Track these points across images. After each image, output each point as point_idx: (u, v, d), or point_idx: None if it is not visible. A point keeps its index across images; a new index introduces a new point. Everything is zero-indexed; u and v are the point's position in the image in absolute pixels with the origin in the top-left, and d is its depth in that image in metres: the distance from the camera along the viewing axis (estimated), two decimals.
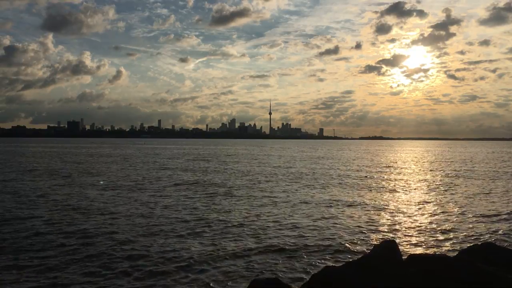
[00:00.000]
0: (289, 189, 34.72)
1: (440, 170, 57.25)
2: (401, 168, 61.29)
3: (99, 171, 51.27)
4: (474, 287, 8.73)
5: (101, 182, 38.22)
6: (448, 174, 51.35)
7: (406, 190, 35.01)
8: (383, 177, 46.69)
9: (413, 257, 10.14)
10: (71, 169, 53.96)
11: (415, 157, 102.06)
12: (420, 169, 59.42)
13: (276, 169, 56.78)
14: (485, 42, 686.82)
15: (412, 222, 21.41)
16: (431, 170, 57.45)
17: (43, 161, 71.34)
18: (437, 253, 15.17)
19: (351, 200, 28.84)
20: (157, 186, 36.01)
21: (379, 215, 23.29)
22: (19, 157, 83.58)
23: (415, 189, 36.07)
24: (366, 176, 46.81)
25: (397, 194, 32.57)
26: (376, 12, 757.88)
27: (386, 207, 26.21)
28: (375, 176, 47.01)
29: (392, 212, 24.31)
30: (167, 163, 68.52)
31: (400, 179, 44.28)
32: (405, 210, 25.21)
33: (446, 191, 34.37)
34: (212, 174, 47.47)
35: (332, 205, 26.59)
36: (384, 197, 30.65)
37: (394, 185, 38.52)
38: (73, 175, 45.43)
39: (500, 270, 9.31)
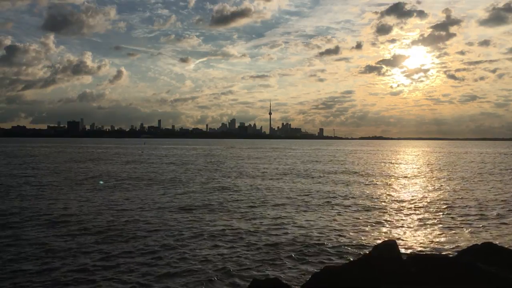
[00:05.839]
0: (288, 189, 34.71)
1: (440, 171, 57.23)
2: (401, 169, 61.27)
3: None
4: (474, 287, 8.73)
5: (101, 182, 38.20)
6: (448, 174, 51.33)
7: (406, 190, 35.01)
8: (383, 177, 46.67)
9: (413, 257, 10.14)
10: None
11: (415, 157, 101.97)
12: (420, 170, 59.38)
13: (274, 166, 56.80)
14: (485, 43, 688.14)
15: (411, 222, 21.41)
16: (431, 171, 57.41)
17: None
18: (437, 253, 15.17)
19: (351, 200, 28.85)
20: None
21: (379, 215, 23.28)
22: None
23: (415, 189, 36.05)
24: (365, 176, 46.79)
25: (397, 194, 32.57)
26: (376, 12, 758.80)
27: (386, 207, 26.20)
28: (375, 176, 46.99)
29: (392, 212, 24.30)
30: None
31: (400, 180, 44.28)
32: (405, 210, 25.20)
33: (446, 191, 34.35)
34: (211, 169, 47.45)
35: (332, 205, 26.60)
36: (384, 197, 30.63)
37: (394, 186, 38.51)
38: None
39: (500, 270, 9.30)
